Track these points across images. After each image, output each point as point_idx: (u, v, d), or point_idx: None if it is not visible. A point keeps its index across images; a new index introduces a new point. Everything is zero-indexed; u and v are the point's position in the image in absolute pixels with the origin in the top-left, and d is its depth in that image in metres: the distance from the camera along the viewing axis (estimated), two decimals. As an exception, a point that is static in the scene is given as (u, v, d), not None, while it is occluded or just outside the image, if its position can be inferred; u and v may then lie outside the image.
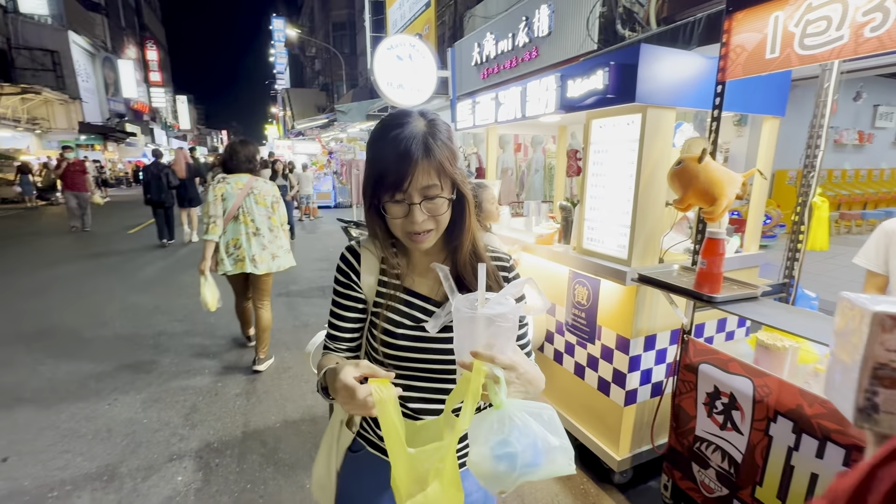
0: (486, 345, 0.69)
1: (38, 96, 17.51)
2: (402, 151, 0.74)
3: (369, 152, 0.80)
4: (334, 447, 0.99)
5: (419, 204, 0.76)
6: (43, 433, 2.58)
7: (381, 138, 0.77)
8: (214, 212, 2.97)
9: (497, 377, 0.68)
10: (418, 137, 0.75)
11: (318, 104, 29.23)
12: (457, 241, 0.85)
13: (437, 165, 0.76)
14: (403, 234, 0.80)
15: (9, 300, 4.97)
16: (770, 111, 2.15)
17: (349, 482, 0.97)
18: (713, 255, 1.52)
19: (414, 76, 4.10)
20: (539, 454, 0.67)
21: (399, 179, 0.75)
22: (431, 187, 0.76)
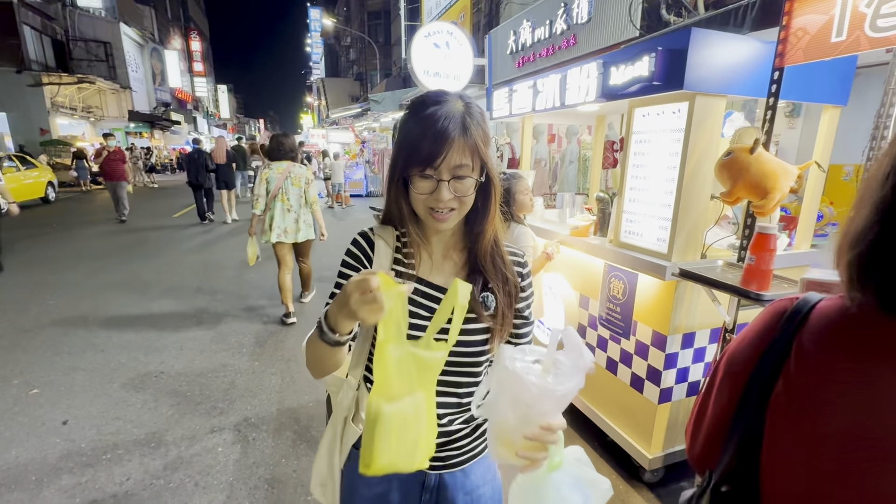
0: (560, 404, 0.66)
1: (92, 86, 18.52)
2: (439, 128, 0.73)
3: (404, 126, 0.79)
4: (338, 445, 0.96)
5: (448, 181, 0.75)
6: (96, 400, 2.77)
7: (418, 113, 0.76)
8: (259, 192, 3.73)
9: (555, 440, 0.67)
10: (457, 116, 0.75)
11: (351, 94, 29.56)
12: (479, 227, 0.84)
13: (472, 145, 0.75)
14: (425, 210, 0.79)
15: (64, 276, 5.33)
16: (831, 100, 2.01)
17: (356, 484, 0.93)
18: (763, 251, 1.45)
19: (451, 64, 4.06)
20: None
21: (433, 154, 0.74)
22: (463, 167, 0.76)
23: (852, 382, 0.50)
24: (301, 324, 4.02)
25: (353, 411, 0.95)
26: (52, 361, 3.24)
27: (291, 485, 2.10)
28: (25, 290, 4.81)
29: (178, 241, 7.39)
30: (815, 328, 0.53)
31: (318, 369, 0.83)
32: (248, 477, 2.14)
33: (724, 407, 0.60)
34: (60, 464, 2.21)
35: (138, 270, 5.66)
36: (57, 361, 3.24)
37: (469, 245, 0.88)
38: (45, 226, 8.73)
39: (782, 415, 0.54)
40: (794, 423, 0.53)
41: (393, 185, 0.81)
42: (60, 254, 6.46)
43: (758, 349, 0.57)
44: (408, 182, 0.78)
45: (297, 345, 3.58)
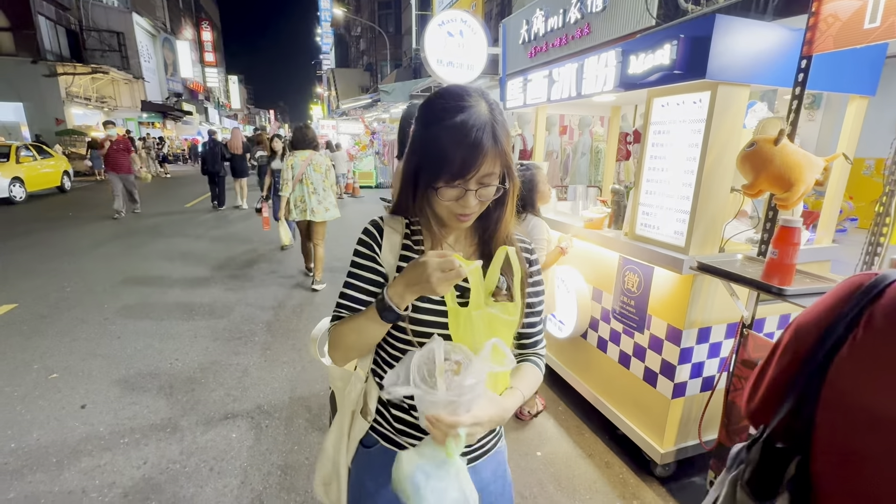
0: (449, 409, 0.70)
1: (105, 76, 18.68)
2: (472, 141, 0.72)
3: (425, 131, 0.76)
4: (344, 441, 0.96)
5: (475, 191, 0.75)
6: (114, 386, 2.83)
7: (443, 119, 0.73)
8: (286, 176, 4.28)
9: (458, 435, 0.70)
10: (487, 126, 0.73)
11: (361, 84, 29.46)
12: (496, 225, 0.85)
13: (502, 154, 0.75)
14: (449, 215, 0.80)
15: (80, 264, 5.43)
16: (858, 90, 1.95)
17: (364, 478, 0.93)
18: (787, 245, 1.41)
19: (465, 53, 4.00)
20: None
21: (465, 169, 0.73)
22: (491, 175, 0.76)
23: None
24: (311, 312, 4.05)
25: (360, 404, 0.95)
26: (70, 347, 3.31)
27: (304, 471, 2.13)
28: (43, 277, 4.91)
29: (192, 229, 7.47)
30: (890, 302, 0.53)
31: (356, 351, 0.87)
32: (261, 463, 2.18)
33: (785, 367, 0.62)
34: (80, 447, 2.27)
35: (153, 259, 5.74)
36: (75, 347, 3.31)
37: (481, 235, 0.88)
38: (61, 215, 8.88)
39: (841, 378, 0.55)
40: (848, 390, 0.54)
41: (417, 193, 0.80)
42: (77, 242, 6.57)
43: (828, 317, 0.58)
44: (434, 191, 0.78)
45: (308, 334, 3.61)
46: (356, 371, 0.98)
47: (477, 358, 0.70)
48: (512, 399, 0.82)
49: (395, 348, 0.87)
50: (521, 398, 0.84)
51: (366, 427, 0.93)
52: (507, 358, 0.73)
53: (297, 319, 3.92)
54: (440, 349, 0.70)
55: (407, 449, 0.88)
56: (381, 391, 0.76)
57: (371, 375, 0.95)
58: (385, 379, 0.75)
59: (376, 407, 0.92)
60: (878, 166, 8.55)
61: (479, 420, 0.72)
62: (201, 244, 6.57)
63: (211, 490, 2.01)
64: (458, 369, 0.70)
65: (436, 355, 0.69)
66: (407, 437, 0.89)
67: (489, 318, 0.76)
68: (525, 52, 7.51)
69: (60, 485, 2.02)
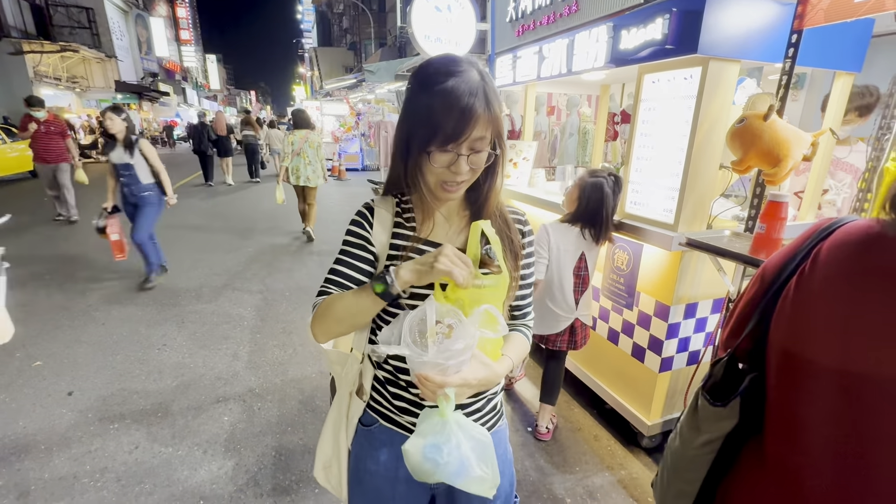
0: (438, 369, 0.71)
1: (76, 54, 17.83)
2: (465, 104, 0.71)
3: (418, 98, 0.75)
4: (343, 422, 0.97)
5: (467, 156, 0.75)
6: (100, 372, 2.78)
7: (435, 85, 0.73)
8: (286, 150, 5.45)
9: (447, 395, 0.71)
10: (479, 91, 0.73)
11: (345, 64, 28.73)
12: (485, 196, 0.85)
13: (494, 119, 0.75)
14: (437, 183, 0.79)
15: (60, 250, 5.28)
16: (845, 66, 1.96)
17: (364, 456, 0.94)
18: (774, 219, 1.44)
19: (452, 29, 3.91)
20: (460, 475, 0.72)
21: (458, 132, 0.72)
22: (481, 140, 0.75)
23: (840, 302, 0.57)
24: (300, 297, 4.02)
25: (357, 384, 0.96)
26: (53, 335, 3.24)
27: (298, 452, 2.14)
28: (20, 266, 4.76)
29: (179, 209, 7.29)
30: (836, 238, 0.61)
31: (344, 325, 0.85)
32: (255, 445, 2.18)
33: (752, 297, 0.71)
34: (69, 433, 2.24)
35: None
36: (58, 335, 3.24)
37: (472, 207, 0.88)
38: (36, 200, 8.58)
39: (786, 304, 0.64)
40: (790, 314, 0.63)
41: (409, 160, 0.79)
42: (55, 228, 6.37)
43: (789, 254, 0.67)
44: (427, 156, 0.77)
45: (298, 317, 3.59)
46: (352, 353, 0.98)
47: (467, 322, 0.71)
48: (501, 364, 0.84)
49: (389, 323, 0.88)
50: (510, 364, 0.86)
51: (362, 406, 0.94)
52: (500, 324, 0.74)
53: (286, 303, 3.89)
54: (432, 311, 0.70)
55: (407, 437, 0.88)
56: (374, 346, 0.76)
57: (367, 357, 0.95)
58: (379, 336, 0.76)
59: (374, 387, 0.93)
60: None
61: (467, 381, 0.74)
62: (186, 229, 6.41)
63: (205, 472, 2.01)
64: (450, 333, 0.70)
65: (427, 318, 0.70)
66: (407, 414, 0.89)
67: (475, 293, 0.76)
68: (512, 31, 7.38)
69: (50, 471, 2.00)
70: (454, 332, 0.70)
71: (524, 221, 0.93)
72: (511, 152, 3.33)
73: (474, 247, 0.78)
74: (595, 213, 1.95)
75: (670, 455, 0.79)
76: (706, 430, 0.70)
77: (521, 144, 3.30)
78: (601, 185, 1.92)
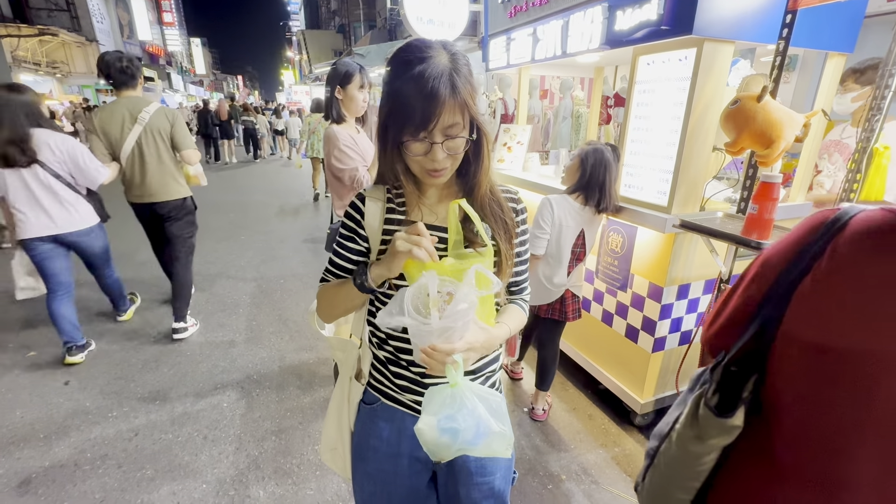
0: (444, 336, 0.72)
1: (55, 38, 17.25)
2: (428, 91, 0.71)
3: (389, 87, 0.76)
4: (345, 405, 1.00)
5: (441, 143, 0.75)
6: (96, 361, 2.78)
7: (403, 73, 0.73)
8: (304, 129, 7.23)
9: (456, 361, 0.73)
10: (445, 75, 0.72)
11: (334, 47, 28.11)
12: (474, 179, 0.85)
13: (462, 104, 0.74)
14: (421, 170, 0.80)
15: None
16: (837, 47, 1.97)
17: (367, 434, 0.96)
18: (766, 200, 1.46)
19: (445, 10, 3.86)
20: (479, 436, 0.72)
21: (425, 120, 0.73)
22: (454, 126, 0.75)
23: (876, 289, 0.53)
24: (295, 284, 4.01)
25: (356, 369, 0.99)
26: (47, 324, 3.21)
27: (298, 435, 2.17)
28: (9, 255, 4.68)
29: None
30: (853, 233, 0.56)
31: (340, 309, 0.92)
32: (254, 430, 2.20)
33: (751, 297, 0.66)
34: (67, 422, 2.24)
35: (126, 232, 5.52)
36: (51, 325, 3.21)
37: (464, 192, 0.88)
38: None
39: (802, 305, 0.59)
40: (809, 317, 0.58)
41: (388, 150, 0.80)
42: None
43: (795, 249, 0.61)
44: (402, 146, 0.78)
45: (294, 304, 3.60)
46: (351, 339, 1.01)
47: (463, 284, 0.72)
48: (500, 329, 0.87)
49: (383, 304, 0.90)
50: (507, 331, 0.89)
51: (361, 389, 0.97)
52: (493, 281, 0.75)
53: (281, 289, 3.89)
54: (434, 282, 0.72)
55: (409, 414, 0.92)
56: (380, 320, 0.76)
57: (366, 340, 0.97)
58: (378, 317, 0.77)
59: (376, 367, 0.95)
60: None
61: (472, 345, 0.76)
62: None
63: (206, 457, 2.03)
64: (450, 300, 0.72)
65: (429, 288, 0.71)
66: (409, 392, 0.91)
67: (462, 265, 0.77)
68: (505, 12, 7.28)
69: (51, 459, 2.01)
70: (454, 297, 0.72)
71: (517, 200, 0.94)
72: (505, 136, 3.32)
73: (454, 225, 0.79)
74: (597, 180, 1.92)
75: (665, 464, 0.73)
76: (710, 438, 0.66)
77: (515, 128, 3.29)
78: (602, 150, 1.91)
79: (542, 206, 1.97)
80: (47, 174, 2.40)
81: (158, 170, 2.76)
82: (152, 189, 2.78)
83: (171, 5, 32.27)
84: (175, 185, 2.86)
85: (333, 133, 1.97)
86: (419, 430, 0.73)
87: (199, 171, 2.99)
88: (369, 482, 0.97)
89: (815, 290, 0.58)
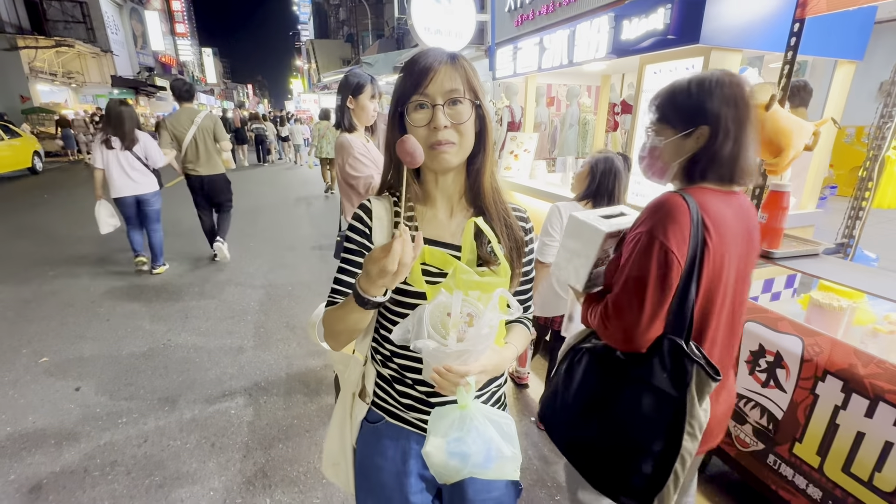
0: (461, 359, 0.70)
1: (71, 49, 17.72)
2: (426, 62, 0.76)
3: (396, 81, 0.81)
4: (347, 422, 0.97)
5: (442, 105, 0.75)
6: (106, 368, 2.81)
7: (406, 64, 0.80)
8: (315, 135, 8.69)
9: (468, 383, 0.71)
10: (444, 52, 0.79)
11: (342, 56, 28.49)
12: (477, 163, 0.84)
13: (462, 73, 0.77)
14: (427, 148, 0.77)
15: (62, 248, 5.29)
16: (846, 55, 1.96)
17: (371, 452, 0.94)
18: (776, 209, 1.45)
19: (452, 20, 3.89)
20: (490, 460, 0.71)
21: (422, 77, 0.75)
22: (454, 91, 0.76)
23: (734, 246, 1.00)
24: (302, 292, 4.04)
25: (360, 386, 0.96)
26: (58, 331, 3.26)
27: (305, 443, 2.17)
28: (25, 262, 4.78)
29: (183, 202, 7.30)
30: (711, 210, 0.96)
31: (346, 336, 0.84)
32: (262, 437, 2.21)
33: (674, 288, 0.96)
34: (78, 428, 2.27)
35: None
36: (63, 331, 3.26)
37: (472, 197, 0.86)
38: (37, 197, 8.58)
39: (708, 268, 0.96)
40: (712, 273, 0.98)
41: (394, 155, 0.78)
42: (56, 224, 6.37)
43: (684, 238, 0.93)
44: (404, 119, 0.78)
45: (301, 311, 3.61)
46: (354, 354, 0.98)
47: (488, 308, 0.71)
48: (508, 350, 0.86)
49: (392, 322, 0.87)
50: (515, 351, 0.88)
51: (365, 408, 0.94)
52: (514, 305, 0.75)
53: (289, 297, 3.91)
54: (458, 303, 0.70)
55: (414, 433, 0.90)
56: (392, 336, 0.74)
57: (370, 357, 0.95)
58: (394, 332, 0.74)
59: (380, 385, 0.93)
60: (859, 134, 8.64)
61: (485, 367, 0.75)
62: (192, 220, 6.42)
63: (214, 465, 2.04)
64: (471, 321, 0.70)
65: (453, 309, 0.70)
66: (414, 411, 0.89)
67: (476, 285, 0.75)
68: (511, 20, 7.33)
69: (61, 465, 2.03)
70: (475, 319, 0.70)
71: (526, 219, 0.94)
72: (512, 144, 3.33)
73: (468, 244, 0.78)
74: (606, 187, 1.90)
75: None
76: None
77: (521, 136, 3.30)
78: (612, 159, 1.89)
79: (550, 213, 1.97)
80: (132, 156, 3.88)
81: (206, 153, 4.21)
82: (201, 165, 4.23)
83: (183, 16, 32.97)
84: (216, 163, 4.33)
85: (347, 141, 1.99)
86: (427, 453, 0.72)
87: (229, 156, 4.50)
88: (374, 500, 0.95)
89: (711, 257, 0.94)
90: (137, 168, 3.94)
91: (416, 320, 0.71)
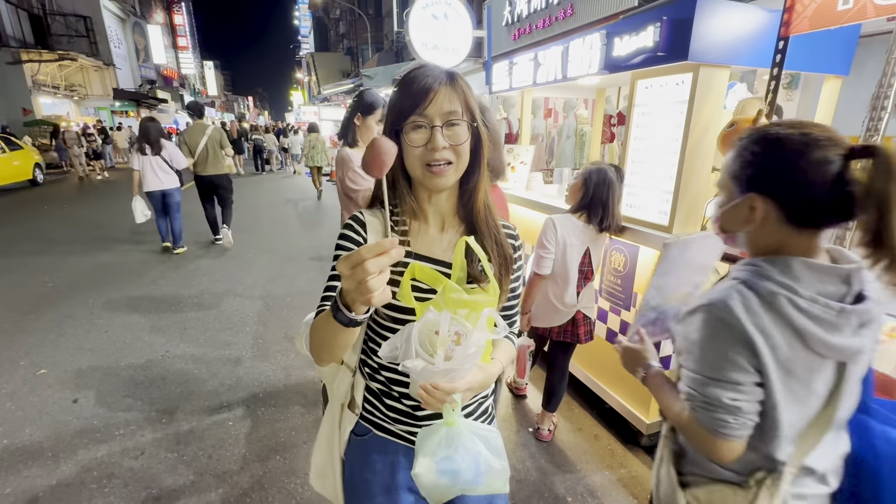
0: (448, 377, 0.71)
1: (73, 63, 17.90)
2: (425, 82, 0.76)
3: (391, 98, 0.82)
4: (336, 433, 0.96)
5: (441, 127, 0.76)
6: (105, 379, 2.81)
7: (403, 80, 0.80)
8: (306, 145, 10.17)
9: (455, 400, 0.72)
10: (442, 72, 0.79)
11: (342, 69, 28.80)
12: (472, 181, 0.84)
13: (461, 94, 0.78)
14: (422, 168, 0.78)
15: (62, 259, 5.30)
16: (833, 70, 2.01)
17: (359, 466, 0.93)
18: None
19: (449, 36, 3.98)
20: (480, 475, 0.72)
21: (420, 98, 0.76)
22: (453, 113, 0.77)
23: None
24: (301, 302, 4.05)
25: (349, 397, 0.95)
26: (57, 343, 3.27)
27: (303, 455, 2.17)
28: (23, 273, 4.79)
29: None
30: None
31: (328, 353, 0.77)
32: (259, 449, 2.21)
33: None
34: (75, 440, 2.27)
35: (136, 253, 5.63)
36: (61, 343, 3.27)
37: (465, 214, 0.87)
38: (37, 209, 8.61)
39: None
40: None
41: None
42: (56, 236, 6.39)
43: None
44: (401, 138, 0.78)
45: (300, 322, 3.61)
46: (343, 365, 0.98)
47: (476, 328, 0.72)
48: (494, 366, 0.87)
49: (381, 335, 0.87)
50: (500, 367, 0.89)
51: (354, 419, 0.94)
52: (500, 325, 0.76)
53: (287, 308, 3.92)
54: (447, 321, 0.71)
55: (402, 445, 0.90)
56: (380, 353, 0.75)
57: (358, 369, 0.95)
58: (381, 349, 0.75)
59: (368, 398, 0.93)
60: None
61: (471, 385, 0.76)
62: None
63: (211, 477, 2.04)
64: (459, 340, 0.72)
65: (441, 327, 0.71)
66: (402, 424, 0.90)
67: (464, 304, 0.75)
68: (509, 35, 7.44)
69: (58, 478, 2.02)
70: (463, 338, 0.72)
71: (515, 237, 0.96)
72: (509, 156, 3.37)
73: (459, 262, 0.79)
74: (600, 199, 1.92)
75: None
76: None
77: (518, 148, 3.34)
78: (605, 170, 1.92)
79: (545, 226, 2.00)
80: (160, 160, 4.94)
81: (213, 157, 5.31)
82: (209, 167, 5.32)
83: (185, 30, 33.38)
84: (221, 166, 5.45)
85: (348, 155, 2.02)
86: (417, 475, 0.71)
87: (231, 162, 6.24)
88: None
89: None
90: (164, 169, 4.95)
91: (405, 338, 0.72)
